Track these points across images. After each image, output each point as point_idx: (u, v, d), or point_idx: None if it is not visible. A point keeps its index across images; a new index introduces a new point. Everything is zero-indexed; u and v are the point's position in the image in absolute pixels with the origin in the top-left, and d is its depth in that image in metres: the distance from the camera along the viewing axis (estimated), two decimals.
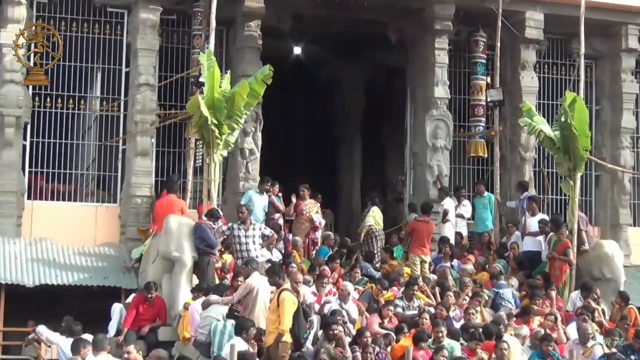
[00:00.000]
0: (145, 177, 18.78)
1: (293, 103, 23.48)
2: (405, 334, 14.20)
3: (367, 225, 18.95)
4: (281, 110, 21.05)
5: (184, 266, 15.59)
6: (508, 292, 16.75)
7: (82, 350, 12.67)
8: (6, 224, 18.05)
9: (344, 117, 24.85)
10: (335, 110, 24.94)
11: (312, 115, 23.99)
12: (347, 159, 24.86)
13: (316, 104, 24.08)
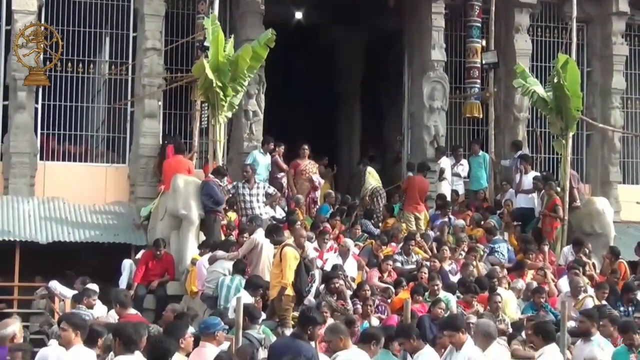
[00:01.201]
0: (153, 138, 19.19)
1: (294, 67, 23.67)
2: (403, 287, 14.57)
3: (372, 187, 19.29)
4: (283, 74, 21.26)
5: (191, 223, 15.96)
6: (503, 247, 17.25)
7: (88, 300, 13.30)
8: (20, 183, 18.45)
9: (344, 80, 24.99)
10: (335, 74, 25.11)
11: (312, 78, 24.15)
12: (346, 121, 25.00)
13: (317, 67, 24.26)
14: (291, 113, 22.97)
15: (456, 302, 14.03)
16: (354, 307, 13.51)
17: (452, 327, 9.45)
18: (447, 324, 9.77)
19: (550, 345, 9.92)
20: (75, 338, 8.62)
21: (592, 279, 16.07)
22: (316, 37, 23.54)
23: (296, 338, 9.25)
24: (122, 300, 12.04)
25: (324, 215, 17.97)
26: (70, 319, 8.87)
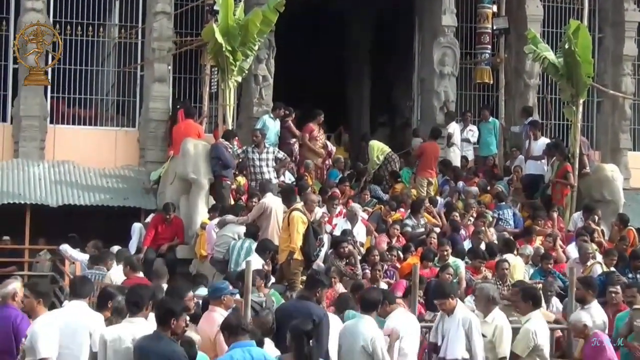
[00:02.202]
0: (163, 102, 19.18)
1: (305, 34, 23.58)
2: (412, 252, 14.62)
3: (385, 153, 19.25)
4: (293, 40, 21.17)
5: (201, 187, 16.05)
6: (508, 213, 17.27)
7: (108, 262, 13.44)
8: (30, 147, 18.55)
9: (354, 46, 24.87)
10: (346, 40, 25.02)
11: (323, 45, 24.03)
12: (356, 86, 24.92)
13: (328, 33, 24.15)
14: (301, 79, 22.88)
15: (465, 267, 14.04)
16: (363, 272, 13.56)
17: (441, 295, 9.54)
18: (436, 291, 9.86)
19: (537, 310, 10.06)
20: (38, 306, 8.69)
21: (600, 245, 16.04)
22: (326, 3, 23.39)
23: (304, 300, 9.35)
24: (133, 263, 12.24)
25: (333, 181, 18.04)
26: (34, 288, 8.93)
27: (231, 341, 7.57)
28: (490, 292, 9.90)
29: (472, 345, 9.52)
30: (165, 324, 7.53)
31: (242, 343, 7.51)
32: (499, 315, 9.82)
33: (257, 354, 7.50)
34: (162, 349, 7.40)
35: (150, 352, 7.41)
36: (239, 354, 7.40)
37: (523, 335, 9.78)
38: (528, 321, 9.87)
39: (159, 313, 7.64)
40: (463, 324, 9.50)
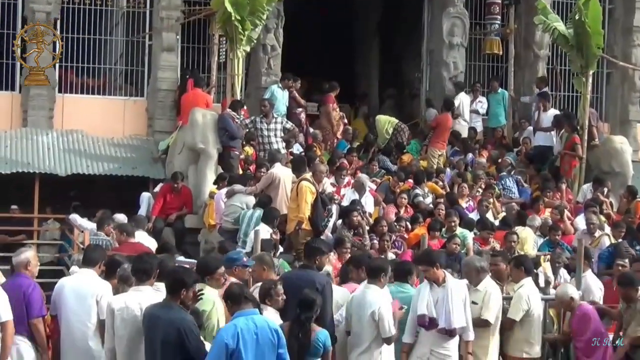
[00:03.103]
0: (171, 71, 19.17)
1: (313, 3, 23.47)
2: (420, 223, 14.63)
3: (394, 125, 19.31)
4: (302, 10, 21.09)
5: (209, 157, 16.09)
6: (510, 181, 17.33)
7: (107, 227, 13.48)
8: (39, 116, 18.56)
9: (363, 17, 24.82)
10: (355, 11, 24.92)
11: (331, 16, 23.92)
12: (365, 57, 24.91)
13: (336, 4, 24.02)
14: (310, 50, 22.82)
15: (473, 238, 14.06)
16: (371, 242, 13.57)
17: (426, 262, 9.53)
18: (421, 259, 9.87)
19: (529, 277, 10.25)
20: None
21: (609, 217, 16.03)
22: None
23: (306, 269, 9.39)
24: (127, 229, 12.38)
25: (341, 151, 18.03)
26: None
27: (234, 310, 7.61)
28: (477, 263, 9.94)
29: (465, 315, 9.58)
30: (175, 293, 7.59)
31: (246, 312, 7.54)
32: (490, 283, 9.85)
33: (261, 321, 7.53)
34: (171, 317, 7.45)
35: (160, 319, 7.46)
36: (242, 322, 7.44)
37: (517, 300, 9.94)
38: (521, 287, 10.06)
39: (170, 282, 7.68)
40: (459, 292, 9.55)
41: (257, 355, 7.42)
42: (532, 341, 10.00)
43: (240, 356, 7.33)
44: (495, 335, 9.81)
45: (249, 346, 7.37)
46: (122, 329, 7.73)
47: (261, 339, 7.44)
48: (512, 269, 10.41)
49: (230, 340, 7.32)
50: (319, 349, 8.35)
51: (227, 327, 7.47)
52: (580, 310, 10.16)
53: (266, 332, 7.48)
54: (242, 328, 7.39)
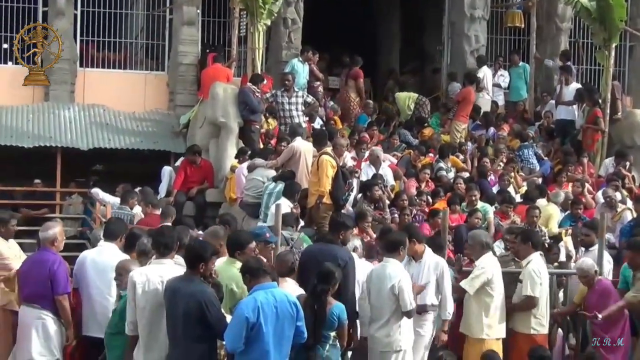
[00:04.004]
0: (192, 45, 19.18)
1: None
2: (441, 197, 14.61)
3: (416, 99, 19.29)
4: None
5: (230, 131, 16.06)
6: (529, 152, 17.27)
7: (131, 201, 13.58)
8: (60, 90, 18.65)
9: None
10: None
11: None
12: (386, 30, 24.82)
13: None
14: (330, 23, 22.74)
15: (494, 212, 14.00)
16: (392, 216, 13.55)
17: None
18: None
19: (537, 252, 10.13)
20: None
21: (631, 192, 15.95)
22: None
23: (329, 243, 9.39)
24: (152, 201, 12.66)
25: (361, 125, 17.99)
26: None
27: (253, 284, 7.64)
28: (483, 238, 9.95)
29: (442, 291, 9.66)
30: (194, 267, 7.64)
31: (264, 285, 7.57)
32: (489, 261, 9.80)
33: (280, 295, 7.57)
34: (192, 289, 7.50)
35: (181, 292, 7.51)
36: (261, 295, 7.48)
37: (530, 277, 9.82)
38: (529, 263, 9.94)
39: (188, 257, 7.76)
40: (435, 269, 9.59)
41: (277, 328, 7.48)
42: (539, 317, 9.92)
43: (260, 329, 7.38)
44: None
45: (269, 319, 7.42)
46: (143, 302, 7.77)
47: (281, 312, 7.49)
48: (520, 244, 10.29)
49: (250, 314, 7.37)
50: (334, 322, 8.38)
51: (247, 301, 7.51)
52: (600, 285, 10.13)
53: (285, 305, 7.53)
54: (262, 302, 7.43)
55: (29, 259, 9.42)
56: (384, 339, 9.03)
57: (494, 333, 9.70)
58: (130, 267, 8.45)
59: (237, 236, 8.88)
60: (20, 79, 18.44)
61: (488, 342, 9.61)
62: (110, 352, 8.42)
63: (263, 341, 7.42)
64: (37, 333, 8.99)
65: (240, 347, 7.38)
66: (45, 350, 9.00)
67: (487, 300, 9.67)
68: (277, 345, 7.50)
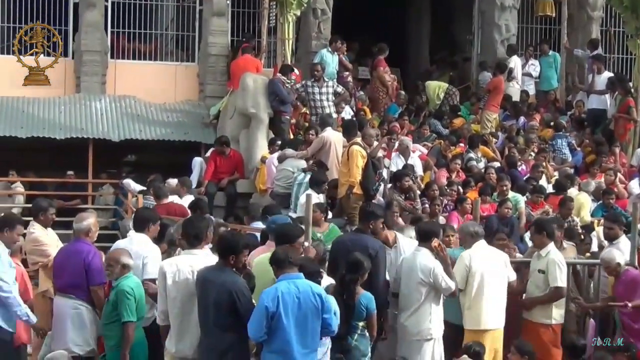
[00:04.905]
0: (222, 36, 19.24)
1: None
2: (472, 187, 14.54)
3: (445, 89, 19.23)
4: None
5: (260, 122, 16.08)
6: (562, 142, 17.18)
7: (152, 191, 13.69)
8: (91, 81, 18.77)
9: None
10: None
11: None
12: (415, 19, 24.81)
13: None
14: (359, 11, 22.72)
15: (525, 202, 13.96)
16: (422, 206, 13.48)
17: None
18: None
19: (552, 242, 10.01)
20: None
21: None
22: None
23: (360, 233, 9.40)
24: (157, 192, 12.87)
25: (392, 115, 17.95)
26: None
27: (279, 274, 7.65)
28: (470, 228, 9.85)
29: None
30: (225, 258, 7.69)
31: (289, 275, 7.58)
32: (479, 248, 9.65)
33: (303, 285, 7.56)
34: (223, 279, 7.55)
35: (212, 282, 7.56)
36: (284, 285, 7.49)
37: (555, 267, 9.71)
38: (549, 253, 9.83)
39: (220, 248, 7.80)
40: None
41: (299, 319, 7.47)
42: (557, 306, 9.83)
43: (280, 319, 7.40)
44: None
45: (289, 309, 7.43)
46: (174, 292, 7.81)
47: (303, 302, 7.48)
48: (534, 234, 10.19)
49: (270, 303, 7.39)
50: (362, 312, 8.40)
51: (268, 291, 7.53)
52: (627, 276, 10.03)
53: (309, 296, 7.52)
54: (283, 291, 7.45)
55: (63, 249, 9.47)
56: (414, 328, 9.04)
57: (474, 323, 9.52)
58: (121, 258, 8.55)
59: (286, 229, 8.78)
60: (52, 71, 18.58)
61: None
62: (107, 341, 8.55)
63: (284, 331, 7.43)
64: (72, 323, 9.04)
65: (262, 336, 7.42)
66: (80, 340, 9.04)
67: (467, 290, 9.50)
68: (300, 336, 7.49)
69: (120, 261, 8.51)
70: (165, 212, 11.92)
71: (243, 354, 7.69)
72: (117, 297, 8.40)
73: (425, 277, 8.97)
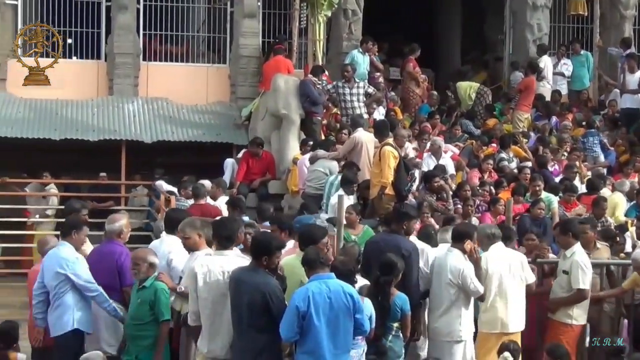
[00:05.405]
0: (253, 38, 19.29)
1: None
2: (504, 187, 14.45)
3: (477, 89, 19.18)
4: None
5: (291, 123, 16.05)
6: (594, 140, 17.06)
7: (184, 191, 13.72)
8: (124, 84, 18.90)
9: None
10: None
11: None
12: (447, 19, 24.77)
13: None
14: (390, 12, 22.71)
15: (558, 202, 13.84)
16: (454, 207, 13.46)
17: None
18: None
19: (578, 242, 9.96)
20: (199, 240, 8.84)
21: None
22: None
23: (393, 233, 9.39)
24: (196, 192, 12.95)
25: (423, 115, 17.92)
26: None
27: (310, 274, 7.66)
28: (487, 230, 9.81)
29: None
30: (258, 259, 7.71)
31: (320, 275, 7.59)
32: (496, 250, 9.62)
33: (335, 285, 7.56)
34: (256, 281, 7.57)
35: (245, 283, 7.58)
36: (315, 285, 7.50)
37: (578, 269, 9.66)
38: (574, 254, 9.78)
39: (253, 249, 7.82)
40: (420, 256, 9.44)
41: (331, 319, 7.47)
42: (579, 307, 9.78)
43: (311, 319, 7.40)
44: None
45: (320, 309, 7.43)
46: (205, 293, 7.85)
47: (335, 302, 7.48)
48: (559, 235, 10.14)
49: (301, 303, 7.40)
50: (397, 313, 8.41)
51: (300, 291, 7.55)
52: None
53: (340, 296, 7.51)
54: (314, 291, 7.45)
55: (95, 250, 9.54)
56: (444, 329, 9.05)
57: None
58: (147, 257, 8.58)
59: (310, 230, 8.79)
60: (85, 73, 18.75)
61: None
62: (141, 340, 8.52)
63: (316, 331, 7.43)
64: (105, 324, 9.12)
65: (294, 336, 7.44)
66: (114, 340, 9.12)
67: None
68: (331, 336, 7.49)
69: (147, 260, 8.56)
70: (199, 212, 11.95)
71: (276, 355, 7.70)
72: (155, 296, 8.44)
73: (454, 278, 8.98)
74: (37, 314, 9.17)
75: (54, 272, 8.95)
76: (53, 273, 8.96)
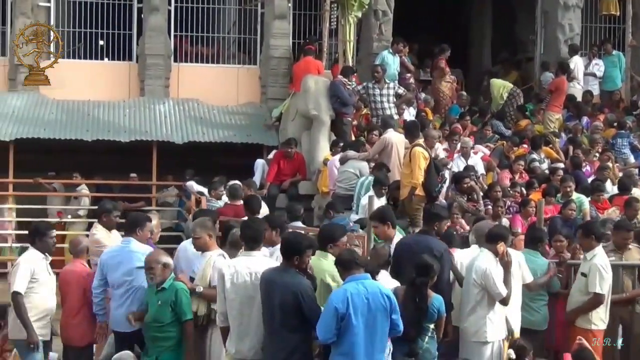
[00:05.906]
0: (283, 39, 19.34)
1: None
2: (535, 188, 14.37)
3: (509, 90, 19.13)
4: None
5: (322, 124, 16.07)
6: (623, 141, 16.97)
7: (214, 192, 13.75)
8: (155, 85, 19.02)
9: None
10: None
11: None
12: (477, 19, 24.68)
13: None
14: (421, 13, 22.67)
15: (589, 203, 13.72)
16: (485, 207, 13.44)
17: (377, 219, 9.51)
18: (375, 215, 9.76)
19: (600, 245, 9.86)
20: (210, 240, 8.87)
21: None
22: None
23: (424, 234, 9.38)
24: (233, 192, 12.97)
25: (454, 116, 17.88)
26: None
27: (345, 275, 7.65)
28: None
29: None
30: (289, 259, 7.73)
31: (357, 276, 7.58)
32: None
33: (372, 286, 7.56)
34: (287, 281, 7.59)
35: (276, 284, 7.60)
36: (352, 286, 7.49)
37: (596, 272, 9.54)
38: (594, 257, 9.66)
39: (284, 249, 7.83)
40: None
41: (369, 320, 7.46)
42: (598, 312, 9.66)
43: (350, 320, 7.38)
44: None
45: (359, 310, 7.42)
46: (232, 294, 7.87)
47: (373, 303, 7.47)
48: (582, 237, 10.00)
49: (340, 305, 7.38)
50: (434, 314, 8.39)
51: (338, 292, 7.55)
52: None
53: (378, 296, 7.50)
54: (352, 292, 7.44)
55: None
56: (471, 329, 9.02)
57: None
58: (160, 257, 8.60)
59: (330, 230, 8.84)
60: (116, 75, 18.88)
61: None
62: (162, 342, 8.50)
63: (353, 332, 7.41)
64: None
65: (332, 338, 7.42)
66: None
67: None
68: (369, 338, 7.48)
69: (161, 261, 8.55)
70: (233, 213, 12.01)
71: (308, 355, 7.73)
72: (176, 296, 8.45)
73: (478, 278, 8.94)
74: (98, 311, 9.28)
75: (130, 268, 8.97)
76: (128, 269, 8.97)
